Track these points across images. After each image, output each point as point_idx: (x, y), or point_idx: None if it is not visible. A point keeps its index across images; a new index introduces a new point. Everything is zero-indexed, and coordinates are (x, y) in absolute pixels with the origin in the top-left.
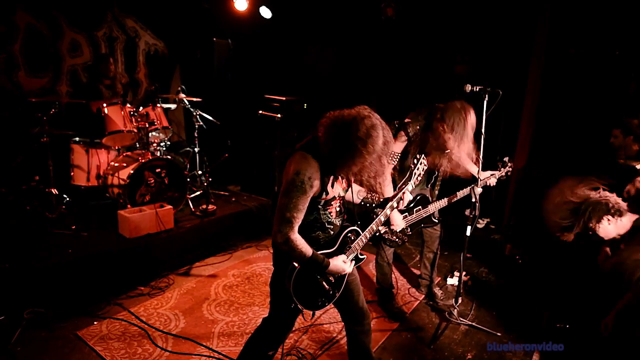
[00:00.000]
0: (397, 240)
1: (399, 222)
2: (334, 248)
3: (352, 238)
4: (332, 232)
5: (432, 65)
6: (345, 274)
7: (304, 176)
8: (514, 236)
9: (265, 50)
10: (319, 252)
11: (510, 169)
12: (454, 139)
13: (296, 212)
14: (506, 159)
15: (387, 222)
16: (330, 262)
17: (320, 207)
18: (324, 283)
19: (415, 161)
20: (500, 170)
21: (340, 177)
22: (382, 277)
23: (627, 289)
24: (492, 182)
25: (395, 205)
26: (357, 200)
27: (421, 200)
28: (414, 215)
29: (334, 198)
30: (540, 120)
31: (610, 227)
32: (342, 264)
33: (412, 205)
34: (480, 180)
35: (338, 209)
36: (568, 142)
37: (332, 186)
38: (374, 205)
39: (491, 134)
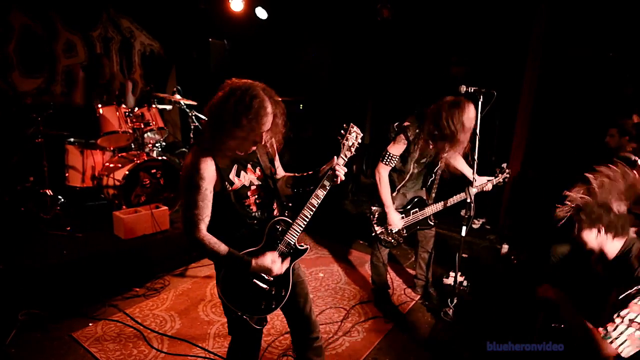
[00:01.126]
0: (392, 241)
1: (396, 223)
2: (261, 244)
3: (282, 229)
4: (256, 229)
5: (427, 66)
6: (288, 270)
7: (192, 170)
8: (510, 236)
9: (261, 51)
10: (245, 251)
11: (508, 176)
12: (450, 135)
13: (196, 210)
14: (504, 165)
15: (384, 222)
16: (252, 260)
17: (234, 201)
18: (258, 283)
19: (343, 131)
20: (498, 177)
21: (250, 165)
22: (377, 278)
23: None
24: (489, 187)
25: (327, 184)
26: (287, 191)
27: (418, 203)
28: (410, 217)
29: (246, 188)
30: (535, 122)
31: (595, 239)
32: (268, 261)
33: (408, 207)
34: (476, 186)
35: (258, 201)
36: (563, 143)
37: (238, 175)
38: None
39: (486, 135)
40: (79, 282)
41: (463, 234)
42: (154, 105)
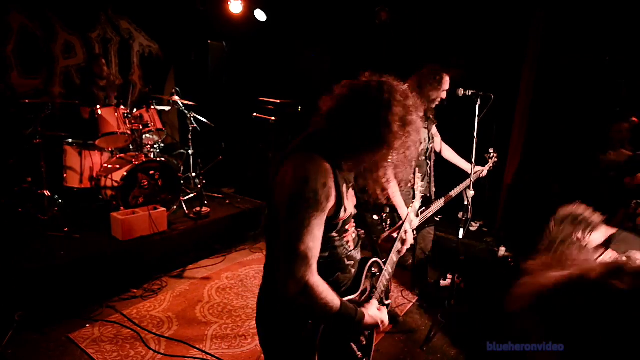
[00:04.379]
0: None
1: (414, 223)
2: (358, 292)
3: (376, 273)
4: (352, 271)
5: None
6: (375, 329)
7: (316, 183)
8: (506, 238)
9: (259, 53)
10: (347, 299)
11: (496, 159)
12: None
13: (312, 241)
14: (491, 150)
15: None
16: (365, 313)
17: (335, 235)
18: (354, 347)
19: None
20: (488, 163)
21: (350, 187)
22: None
23: None
24: (484, 173)
25: (407, 226)
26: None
27: (424, 201)
28: (420, 217)
29: (349, 218)
30: (532, 125)
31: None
32: (377, 311)
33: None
34: (476, 172)
35: (354, 234)
36: (560, 146)
37: (347, 198)
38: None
39: (484, 138)
40: (76, 283)
41: (460, 236)
42: (152, 107)
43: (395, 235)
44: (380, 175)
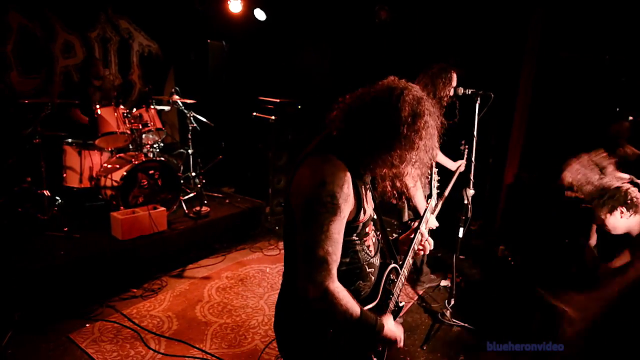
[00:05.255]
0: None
1: (433, 223)
2: (377, 301)
3: (393, 280)
4: (373, 279)
5: (424, 67)
6: (395, 342)
7: (333, 186)
8: (506, 238)
9: (259, 53)
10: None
11: (467, 149)
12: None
13: (332, 246)
14: (462, 142)
15: (406, 226)
16: (384, 324)
17: (356, 238)
18: (371, 356)
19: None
20: (464, 155)
21: (369, 188)
22: None
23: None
24: (462, 167)
25: (423, 227)
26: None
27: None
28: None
29: (369, 220)
30: (531, 124)
31: (621, 221)
32: (394, 327)
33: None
34: (458, 164)
35: (374, 238)
36: (559, 146)
37: (367, 201)
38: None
39: (483, 138)
40: (76, 283)
41: (460, 235)
42: (152, 106)
43: (412, 236)
44: (402, 175)
